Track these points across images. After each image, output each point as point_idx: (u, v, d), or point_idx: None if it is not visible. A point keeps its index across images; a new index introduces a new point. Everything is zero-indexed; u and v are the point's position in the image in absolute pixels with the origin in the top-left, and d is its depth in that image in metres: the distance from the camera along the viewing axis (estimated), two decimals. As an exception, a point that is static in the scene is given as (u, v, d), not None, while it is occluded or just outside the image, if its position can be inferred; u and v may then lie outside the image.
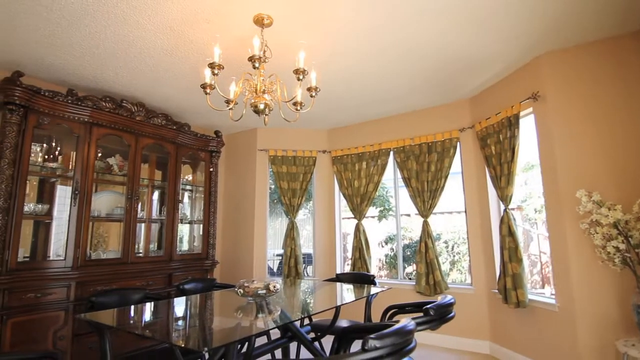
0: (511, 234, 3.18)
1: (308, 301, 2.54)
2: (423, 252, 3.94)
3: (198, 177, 4.45)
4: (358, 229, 4.47)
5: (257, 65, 2.07)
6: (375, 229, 7.42)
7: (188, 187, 4.29)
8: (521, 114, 3.19)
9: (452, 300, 1.96)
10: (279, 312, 2.10)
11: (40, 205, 3.00)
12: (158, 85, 3.51)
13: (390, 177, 4.63)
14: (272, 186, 6.36)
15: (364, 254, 4.38)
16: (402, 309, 2.43)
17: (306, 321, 2.86)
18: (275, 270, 8.04)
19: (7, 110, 2.69)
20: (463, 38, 2.77)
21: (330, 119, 4.60)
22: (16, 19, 2.47)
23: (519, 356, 3.18)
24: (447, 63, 3.16)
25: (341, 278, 3.43)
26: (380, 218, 7.25)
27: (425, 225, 4.00)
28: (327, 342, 3.19)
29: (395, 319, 2.42)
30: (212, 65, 2.13)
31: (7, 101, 2.69)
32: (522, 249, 3.16)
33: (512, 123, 3.20)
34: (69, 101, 3.01)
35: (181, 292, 2.75)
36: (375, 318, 3.01)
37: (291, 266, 4.57)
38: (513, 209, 3.38)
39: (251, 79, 2.36)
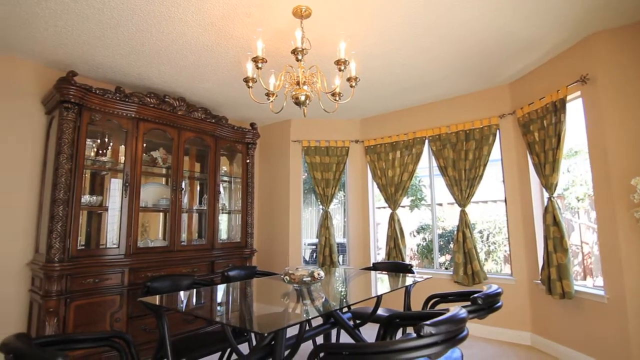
0: (556, 223, 3.07)
1: (350, 289, 2.59)
2: (461, 241, 3.89)
3: (234, 168, 4.58)
4: (393, 219, 4.46)
5: (300, 57, 2.09)
6: (407, 219, 7.36)
7: (225, 178, 4.42)
8: (567, 98, 3.05)
9: (499, 290, 1.95)
10: (323, 299, 2.16)
11: (94, 197, 3.21)
12: (198, 80, 3.62)
13: (425, 166, 4.57)
14: (303, 176, 6.43)
15: (398, 243, 4.38)
16: (445, 298, 2.43)
17: (345, 309, 2.92)
18: (307, 259, 8.17)
19: (64, 108, 2.87)
20: (505, 19, 2.66)
21: (363, 108, 4.58)
22: (71, 23, 2.61)
23: (562, 347, 3.11)
24: (487, 47, 3.06)
25: (378, 267, 3.46)
26: (412, 208, 7.17)
27: (463, 214, 3.94)
28: (364, 329, 3.25)
29: (437, 308, 2.43)
30: (255, 59, 2.18)
31: (63, 100, 2.87)
32: (567, 239, 3.06)
33: (558, 108, 3.07)
34: (118, 98, 3.16)
35: (226, 279, 2.87)
36: (414, 307, 3.03)
37: (326, 255, 4.64)
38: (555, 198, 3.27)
39: (292, 71, 2.39)
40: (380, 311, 2.98)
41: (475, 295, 1.81)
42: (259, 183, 5.21)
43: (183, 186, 3.71)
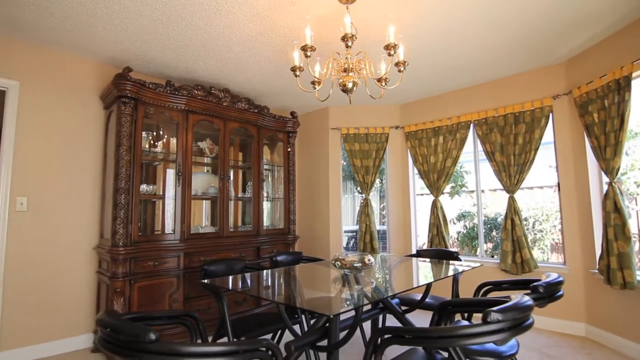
0: (617, 210, 2.90)
1: (398, 276, 2.60)
2: (509, 229, 3.77)
3: (275, 157, 4.67)
4: (435, 206, 4.39)
5: (350, 44, 2.08)
6: (446, 206, 7.21)
7: (267, 167, 4.53)
8: (633, 75, 2.83)
9: (561, 279, 1.88)
10: (374, 285, 2.18)
11: (151, 186, 3.40)
12: (241, 71, 3.70)
13: (468, 151, 4.43)
14: (342, 163, 6.44)
15: (441, 230, 4.31)
16: (498, 286, 2.38)
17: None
18: (345, 245, 8.24)
19: (121, 102, 3.04)
20: (566, -6, 2.50)
21: (403, 93, 4.49)
22: (127, 21, 2.75)
23: (620, 339, 2.96)
24: (539, 23, 2.88)
25: (422, 254, 3.43)
26: (452, 195, 7.00)
27: (512, 201, 3.80)
28: (410, 316, 3.26)
29: (489, 296, 2.39)
30: (304, 48, 2.19)
31: (120, 95, 3.04)
32: (630, 227, 2.88)
33: (622, 86, 2.85)
34: (168, 91, 3.30)
35: (275, 263, 2.97)
36: (460, 295, 2.99)
37: (366, 242, 4.66)
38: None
39: (339, 58, 2.38)
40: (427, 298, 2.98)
41: (537, 283, 1.76)
42: (298, 170, 5.29)
43: (229, 175, 3.84)
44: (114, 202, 2.96)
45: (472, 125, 4.21)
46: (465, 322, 2.41)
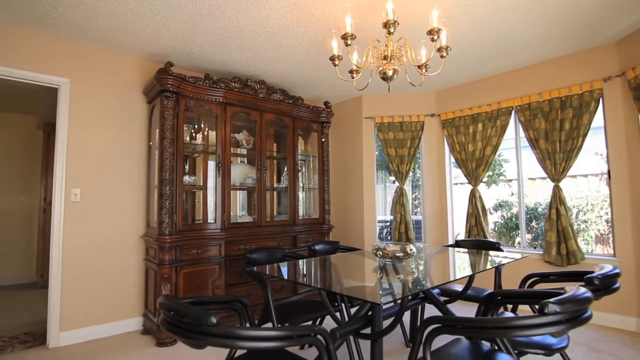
0: (678, 198, 2.70)
1: (439, 266, 2.57)
2: (554, 219, 3.61)
3: (309, 147, 4.69)
4: (474, 195, 4.27)
5: (392, 30, 2.04)
6: (483, 196, 6.99)
7: (301, 157, 4.56)
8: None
9: (617, 271, 1.80)
10: (416, 275, 2.17)
11: (192, 177, 3.53)
12: (276, 62, 3.73)
13: (508, 138, 4.25)
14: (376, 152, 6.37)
15: (480, 220, 4.20)
16: (545, 277, 2.30)
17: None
18: (378, 235, 8.21)
19: (164, 97, 3.15)
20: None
21: (439, 80, 4.36)
22: (168, 16, 2.83)
23: (681, 337, 2.79)
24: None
25: (461, 244, 3.37)
26: (489, 184, 6.78)
27: (557, 190, 3.63)
28: (450, 307, 3.22)
29: (535, 288, 2.32)
30: (344, 36, 2.17)
31: (163, 89, 3.14)
32: (692, 217, 2.68)
33: (686, 65, 2.63)
34: (207, 85, 3.38)
35: (313, 252, 3.01)
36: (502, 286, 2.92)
37: (401, 232, 4.62)
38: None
39: (378, 46, 2.35)
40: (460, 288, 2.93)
41: (592, 275, 1.69)
42: (331, 160, 5.29)
43: (267, 166, 3.91)
44: (160, 192, 3.10)
45: (513, 111, 4.03)
46: (510, 314, 2.35)
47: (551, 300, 1.24)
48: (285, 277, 2.20)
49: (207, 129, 3.74)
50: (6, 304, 4.39)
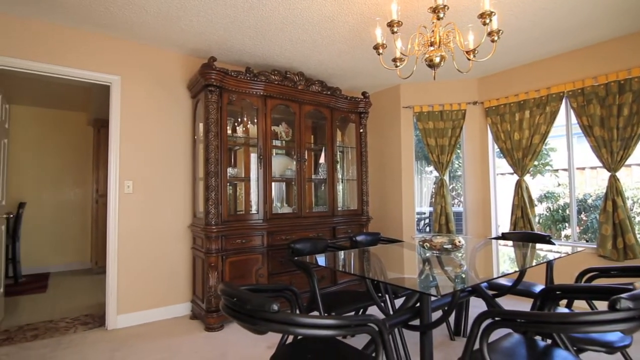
0: None
1: (488, 259, 2.50)
2: (610, 211, 3.39)
3: (346, 138, 4.67)
4: (520, 186, 4.09)
5: (441, 15, 1.98)
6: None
7: (338, 148, 4.55)
8: None
9: (693, 266, 1.66)
10: (465, 268, 2.12)
11: (235, 169, 3.63)
12: (315, 53, 3.72)
13: (557, 125, 4.01)
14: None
15: (527, 212, 4.02)
16: (605, 272, 2.18)
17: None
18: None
19: (208, 91, 3.24)
20: None
21: (481, 65, 4.17)
22: (212, 11, 2.89)
23: None
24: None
25: (507, 237, 3.25)
26: (534, 174, 6.46)
27: (613, 180, 3.40)
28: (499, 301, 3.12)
29: (594, 283, 2.20)
30: (390, 24, 2.13)
31: (206, 84, 3.23)
32: None
33: None
34: (248, 78, 3.44)
35: (354, 243, 3.02)
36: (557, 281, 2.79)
37: (442, 224, 4.52)
38: None
39: (425, 32, 2.28)
40: (506, 282, 2.84)
41: (664, 270, 1.58)
42: (369, 151, 5.24)
43: (306, 158, 3.94)
44: (206, 184, 3.21)
45: (564, 96, 3.80)
46: (565, 310, 2.25)
47: (624, 295, 1.17)
48: (325, 266, 2.22)
49: (247, 121, 3.81)
50: (66, 288, 4.75)
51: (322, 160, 4.54)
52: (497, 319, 1.36)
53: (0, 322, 3.39)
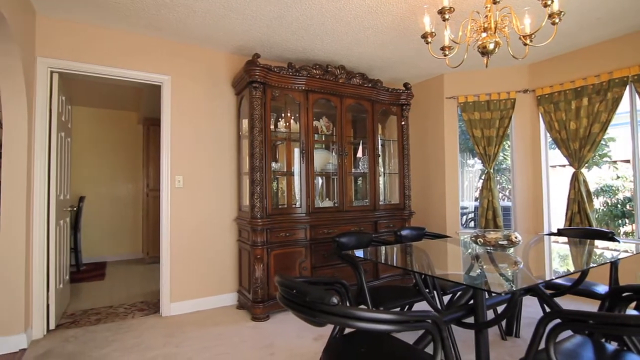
0: None
1: (544, 256, 2.37)
2: (684, 205, 3.10)
3: (386, 131, 4.60)
4: (577, 179, 3.83)
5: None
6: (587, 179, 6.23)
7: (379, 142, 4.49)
8: None
9: None
10: (522, 265, 2.02)
11: (278, 164, 3.69)
12: (356, 45, 3.67)
13: (620, 112, 3.70)
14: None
15: (585, 207, 3.76)
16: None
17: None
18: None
19: (252, 87, 3.30)
20: None
21: (533, 51, 3.91)
22: (256, 8, 2.93)
23: None
24: None
25: (564, 233, 3.06)
26: (590, 166, 6.02)
27: (688, 171, 3.10)
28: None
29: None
30: (442, 10, 2.05)
31: (251, 80, 3.29)
32: None
33: None
34: (290, 73, 3.47)
35: (399, 238, 2.97)
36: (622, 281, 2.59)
37: (489, 219, 4.34)
38: None
39: (477, 18, 2.17)
40: (562, 281, 2.67)
41: None
42: (410, 143, 5.12)
43: (347, 151, 3.92)
44: (251, 179, 3.29)
45: (629, 82, 3.49)
46: (634, 312, 2.09)
47: None
48: (377, 261, 2.20)
49: (289, 116, 3.85)
50: (122, 276, 5.08)
51: (359, 154, 4.50)
52: (565, 319, 1.28)
53: (67, 306, 3.69)
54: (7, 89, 2.60)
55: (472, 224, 5.49)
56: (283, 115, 3.85)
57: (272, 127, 3.67)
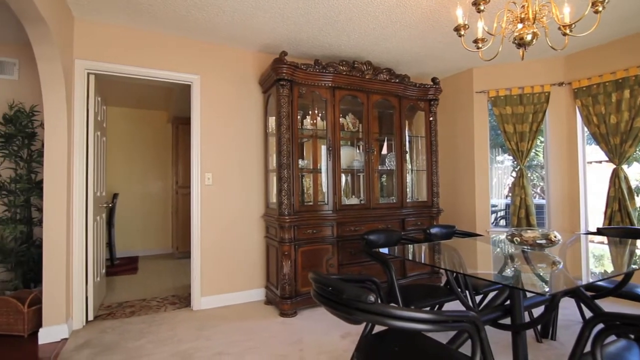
0: None
1: (585, 257, 2.26)
2: None
3: (414, 127, 4.52)
4: (617, 176, 3.64)
5: (538, -12, 1.79)
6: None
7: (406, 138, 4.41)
8: None
9: None
10: (561, 265, 1.94)
11: (305, 161, 3.70)
12: (383, 40, 3.62)
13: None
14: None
15: (626, 205, 3.57)
16: None
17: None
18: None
19: (279, 85, 3.32)
20: None
21: (569, 42, 3.74)
22: (283, 6, 2.93)
23: None
24: None
25: (605, 232, 2.92)
26: (630, 162, 5.70)
27: None
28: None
29: None
30: (476, 2, 1.98)
31: (278, 78, 3.31)
32: None
33: None
34: (317, 70, 3.46)
35: (428, 236, 2.92)
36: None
37: (521, 217, 4.19)
38: None
39: (514, 9, 2.09)
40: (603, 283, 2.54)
41: None
42: (438, 139, 5.01)
43: (374, 148, 3.89)
44: (279, 176, 3.32)
45: (677, 71, 3.28)
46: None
47: None
48: (409, 260, 2.17)
49: (315, 113, 3.85)
50: (153, 270, 5.25)
51: (384, 150, 4.45)
52: (616, 324, 1.22)
53: (104, 299, 3.85)
54: (48, 91, 2.72)
55: (502, 222, 5.33)
56: (310, 112, 3.85)
57: (298, 124, 3.69)
